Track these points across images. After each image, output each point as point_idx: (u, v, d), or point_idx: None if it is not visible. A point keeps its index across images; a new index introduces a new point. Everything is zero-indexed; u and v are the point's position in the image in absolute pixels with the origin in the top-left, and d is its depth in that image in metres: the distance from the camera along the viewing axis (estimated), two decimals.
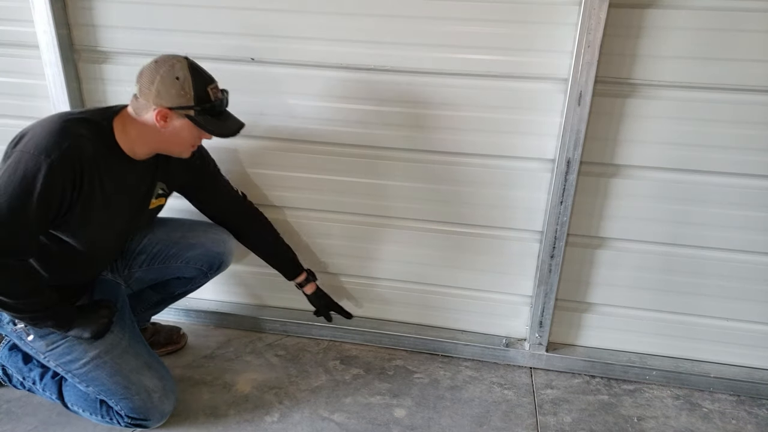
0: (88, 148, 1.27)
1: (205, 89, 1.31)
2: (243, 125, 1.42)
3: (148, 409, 1.47)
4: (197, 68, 1.32)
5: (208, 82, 1.33)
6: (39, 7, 1.67)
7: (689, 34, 1.47)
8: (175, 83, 1.28)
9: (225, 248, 1.72)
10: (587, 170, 1.64)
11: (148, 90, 1.29)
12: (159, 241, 1.66)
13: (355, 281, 1.97)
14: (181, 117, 1.31)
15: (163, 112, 1.29)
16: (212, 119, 1.34)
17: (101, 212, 1.36)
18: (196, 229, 1.70)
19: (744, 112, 1.52)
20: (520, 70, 1.58)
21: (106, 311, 1.45)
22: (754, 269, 1.69)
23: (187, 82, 1.28)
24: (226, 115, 1.40)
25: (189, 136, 1.36)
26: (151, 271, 1.68)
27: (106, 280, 1.60)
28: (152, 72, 1.28)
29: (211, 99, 1.32)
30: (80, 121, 1.29)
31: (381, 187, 1.80)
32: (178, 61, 1.30)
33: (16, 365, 1.58)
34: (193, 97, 1.29)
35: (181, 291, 1.80)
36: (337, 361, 1.88)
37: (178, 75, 1.28)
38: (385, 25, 1.59)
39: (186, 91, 1.28)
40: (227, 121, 1.39)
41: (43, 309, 1.32)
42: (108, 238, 1.45)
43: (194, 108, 1.30)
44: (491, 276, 1.86)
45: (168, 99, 1.28)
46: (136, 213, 1.50)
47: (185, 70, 1.29)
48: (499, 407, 1.68)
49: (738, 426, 1.65)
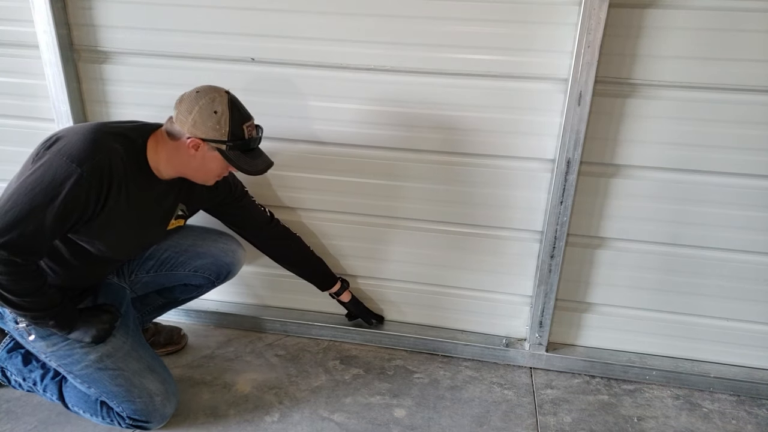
0: (118, 164, 1.28)
1: (240, 126, 1.32)
2: (271, 164, 1.43)
3: (150, 412, 1.47)
4: (237, 104, 1.33)
5: (245, 120, 1.34)
6: (39, 7, 1.67)
7: (689, 34, 1.47)
8: (212, 117, 1.29)
9: (234, 259, 1.73)
10: (587, 170, 1.64)
11: (185, 118, 1.29)
12: (168, 248, 1.67)
13: (354, 281, 1.97)
14: (213, 150, 1.32)
15: (196, 142, 1.31)
16: (242, 155, 1.35)
17: (120, 227, 1.36)
18: (206, 237, 1.71)
19: (744, 112, 1.52)
20: (520, 70, 1.58)
21: (109, 316, 1.45)
22: (754, 269, 1.69)
23: (225, 117, 1.29)
24: (257, 152, 1.41)
25: (216, 167, 1.38)
26: (158, 277, 1.69)
27: (111, 284, 1.60)
28: (192, 102, 1.29)
29: (245, 137, 1.34)
30: (116, 136, 1.30)
31: (381, 187, 1.80)
32: (219, 94, 1.31)
33: (16, 366, 1.58)
34: (228, 133, 1.30)
35: (186, 297, 1.81)
36: (337, 361, 1.88)
37: (217, 109, 1.29)
38: (385, 25, 1.59)
39: (221, 126, 1.29)
40: (256, 160, 1.40)
41: (45, 309, 1.32)
42: (123, 247, 1.45)
43: (227, 144, 1.31)
44: (491, 276, 1.86)
45: (203, 131, 1.29)
46: (155, 231, 1.51)
47: (224, 105, 1.30)
48: (499, 407, 1.68)
49: (738, 426, 1.65)
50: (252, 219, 1.71)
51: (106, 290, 1.56)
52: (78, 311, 1.42)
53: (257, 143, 1.40)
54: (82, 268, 1.44)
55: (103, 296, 1.54)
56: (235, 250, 1.74)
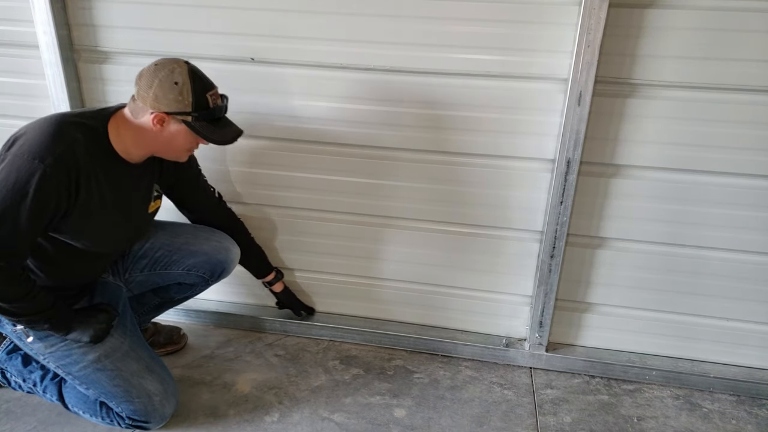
0: (82, 153, 1.25)
1: (204, 95, 1.29)
2: (241, 132, 1.41)
3: (149, 413, 1.47)
4: (197, 73, 1.30)
5: (208, 89, 1.31)
6: (39, 7, 1.67)
7: (689, 34, 1.47)
8: (174, 88, 1.26)
9: (228, 256, 1.71)
10: (587, 170, 1.64)
11: (146, 93, 1.27)
12: (162, 246, 1.65)
13: (355, 281, 1.97)
14: (178, 122, 1.30)
15: (160, 116, 1.28)
16: (210, 126, 1.33)
17: (99, 217, 1.35)
18: (199, 235, 1.69)
19: (744, 112, 1.52)
20: (520, 70, 1.58)
21: (105, 316, 1.45)
22: (754, 269, 1.69)
23: (186, 87, 1.27)
24: (224, 121, 1.38)
25: (185, 141, 1.35)
26: (152, 275, 1.67)
27: (107, 283, 1.59)
28: (151, 75, 1.27)
29: (210, 106, 1.31)
30: (75, 125, 1.27)
31: (381, 187, 1.80)
32: (179, 65, 1.28)
33: (16, 368, 1.58)
34: (192, 104, 1.28)
35: (181, 297, 1.80)
36: (337, 361, 1.88)
37: (177, 80, 1.26)
38: (385, 25, 1.59)
39: (184, 97, 1.27)
40: (225, 129, 1.37)
41: (38, 313, 1.31)
42: (108, 242, 1.44)
43: (192, 114, 1.28)
44: (491, 276, 1.86)
45: (165, 104, 1.27)
46: (136, 217, 1.49)
47: (185, 75, 1.27)
48: (499, 407, 1.68)
49: (738, 426, 1.65)
50: (204, 195, 1.69)
51: (103, 289, 1.56)
52: (74, 312, 1.42)
53: (223, 112, 1.37)
54: (73, 266, 1.43)
55: (100, 295, 1.53)
56: (229, 247, 1.71)
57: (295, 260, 1.98)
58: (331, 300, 2.02)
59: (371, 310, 2.00)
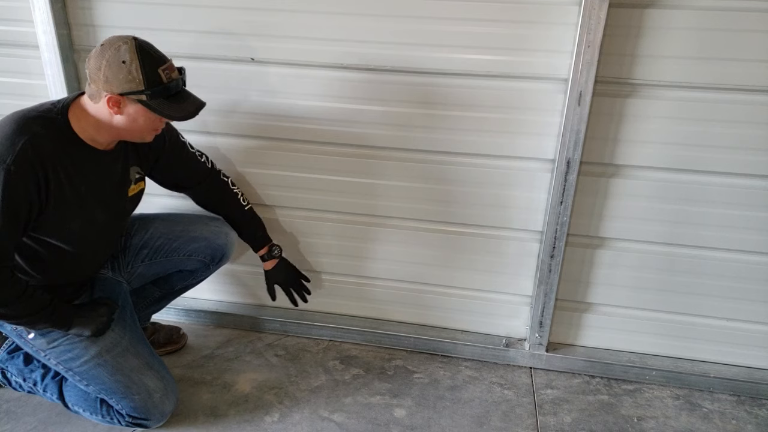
0: (45, 146, 1.23)
1: (155, 71, 1.23)
2: (202, 105, 1.34)
3: (149, 409, 1.47)
4: (146, 49, 1.23)
5: (159, 63, 1.25)
6: (39, 7, 1.67)
7: (689, 34, 1.47)
8: (122, 67, 1.20)
9: (227, 240, 1.72)
10: (587, 170, 1.64)
11: (97, 76, 1.22)
12: (161, 235, 1.66)
13: (355, 281, 1.97)
14: (134, 102, 1.24)
15: (115, 98, 1.23)
16: (167, 102, 1.26)
17: (76, 208, 1.33)
18: (198, 222, 1.71)
19: (744, 112, 1.52)
20: (520, 70, 1.58)
21: (105, 309, 1.45)
22: (754, 269, 1.69)
23: (135, 65, 1.20)
24: (183, 95, 1.32)
25: (146, 120, 1.29)
26: (153, 265, 1.68)
27: (106, 279, 1.60)
28: (98, 57, 1.22)
29: (164, 81, 1.24)
30: (34, 119, 1.24)
31: (381, 187, 1.80)
32: (125, 42, 1.21)
33: (17, 367, 1.58)
34: (143, 81, 1.21)
35: (182, 285, 1.80)
36: (337, 361, 1.88)
37: (125, 58, 1.20)
38: (385, 25, 1.59)
39: (134, 76, 1.21)
40: (184, 103, 1.30)
41: (35, 313, 1.31)
42: (92, 232, 1.41)
43: (145, 92, 1.22)
44: (491, 276, 1.86)
45: (117, 85, 1.21)
46: (116, 202, 1.46)
47: (132, 52, 1.21)
48: (499, 407, 1.68)
49: (738, 426, 1.65)
50: (192, 172, 1.64)
51: (102, 285, 1.56)
52: (74, 307, 1.42)
53: (180, 85, 1.30)
54: (68, 266, 1.43)
55: (99, 291, 1.54)
56: (228, 232, 1.72)
57: (295, 260, 1.97)
58: (332, 300, 2.02)
59: (371, 310, 2.01)
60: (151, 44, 1.27)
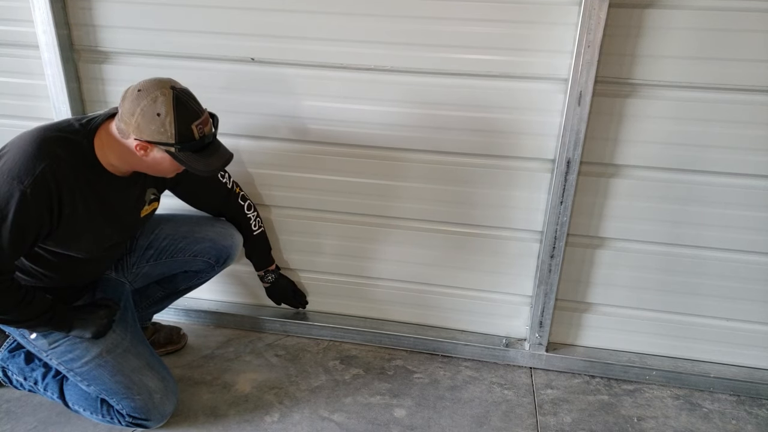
0: (64, 169, 1.22)
1: (188, 127, 1.22)
2: (230, 159, 1.35)
3: (149, 410, 1.47)
4: (182, 102, 1.22)
5: (193, 119, 1.23)
6: (39, 7, 1.67)
7: (689, 34, 1.47)
8: (156, 119, 1.19)
9: (233, 241, 1.73)
10: (587, 170, 1.64)
11: (129, 120, 1.22)
12: (167, 236, 1.67)
13: (354, 281, 1.97)
14: (162, 151, 1.25)
15: (143, 144, 1.23)
16: (195, 155, 1.27)
17: (87, 229, 1.33)
18: (203, 223, 1.71)
19: (744, 112, 1.52)
20: (520, 70, 1.58)
21: (106, 311, 1.46)
22: (754, 269, 1.69)
23: (169, 119, 1.20)
24: (212, 149, 1.31)
25: (171, 165, 1.30)
26: (158, 265, 1.68)
27: (109, 279, 1.60)
28: (134, 102, 1.20)
29: (195, 137, 1.24)
30: (57, 140, 1.24)
31: (381, 186, 1.80)
32: (162, 93, 1.20)
33: (18, 366, 1.58)
34: (174, 135, 1.21)
35: (186, 286, 1.80)
36: (337, 361, 1.88)
37: (160, 111, 1.19)
38: (385, 25, 1.59)
39: (166, 129, 1.20)
40: (212, 158, 1.30)
41: (35, 317, 1.31)
42: (100, 247, 1.42)
43: (175, 146, 1.22)
44: (491, 276, 1.86)
45: (148, 134, 1.21)
46: (129, 222, 1.47)
47: (168, 105, 1.20)
48: (499, 407, 1.68)
49: (738, 426, 1.65)
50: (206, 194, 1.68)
51: (105, 286, 1.57)
52: (74, 309, 1.43)
53: (210, 139, 1.30)
54: (75, 270, 1.44)
55: (102, 292, 1.54)
56: (233, 233, 1.73)
57: (295, 260, 1.98)
58: (331, 300, 2.02)
59: (371, 310, 2.01)
60: (190, 93, 1.26)
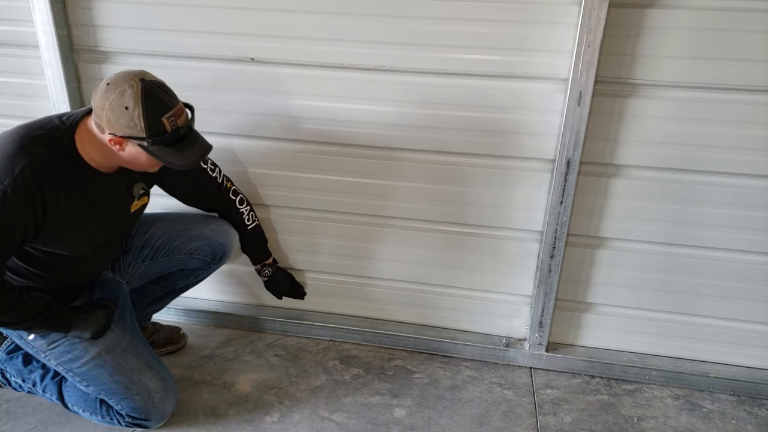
0: (46, 167, 1.20)
1: (158, 119, 1.19)
2: (207, 151, 1.31)
3: (149, 410, 1.47)
4: (152, 95, 1.18)
5: (164, 111, 1.20)
6: (39, 7, 1.67)
7: (689, 34, 1.47)
8: (125, 113, 1.17)
9: (228, 238, 1.72)
10: (587, 170, 1.64)
11: (100, 114, 1.20)
12: (162, 235, 1.66)
13: (354, 281, 1.97)
14: (135, 145, 1.22)
15: (117, 139, 1.21)
16: (169, 149, 1.23)
17: (76, 226, 1.32)
18: (198, 221, 1.71)
19: (744, 112, 1.52)
20: (520, 70, 1.58)
21: (104, 311, 1.45)
22: (754, 269, 1.69)
23: (137, 112, 1.17)
24: (188, 141, 1.27)
25: (148, 159, 1.27)
26: (154, 264, 1.68)
27: (106, 279, 1.60)
28: (103, 97, 1.18)
29: (167, 130, 1.20)
30: (37, 139, 1.22)
31: (381, 186, 1.80)
32: (130, 86, 1.17)
33: (16, 368, 1.58)
34: (145, 129, 1.18)
35: (183, 284, 1.80)
36: (337, 361, 1.88)
37: (128, 104, 1.16)
38: (385, 25, 1.59)
39: (135, 123, 1.17)
40: (187, 151, 1.26)
41: (32, 318, 1.31)
42: (91, 245, 1.41)
43: (146, 140, 1.20)
44: (491, 276, 1.86)
45: (118, 128, 1.19)
46: (118, 218, 1.46)
47: (137, 97, 1.16)
48: (499, 407, 1.68)
49: (738, 426, 1.65)
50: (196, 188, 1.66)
51: (102, 286, 1.56)
52: (72, 310, 1.42)
53: (184, 131, 1.25)
54: (68, 269, 1.43)
55: (99, 292, 1.54)
56: (228, 230, 1.72)
57: (295, 260, 1.98)
58: (331, 300, 2.02)
59: (371, 310, 2.00)
60: (161, 85, 1.23)
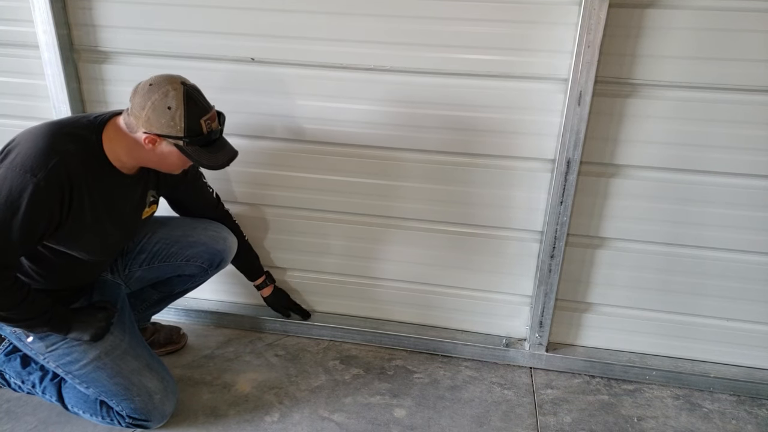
0: (76, 166, 1.24)
1: (197, 121, 1.26)
2: (235, 155, 1.38)
3: (149, 410, 1.47)
4: (192, 97, 1.26)
5: (202, 114, 1.27)
6: (39, 7, 1.67)
7: (689, 34, 1.47)
8: (166, 113, 1.23)
9: (225, 245, 1.72)
10: (587, 170, 1.64)
11: (139, 113, 1.24)
12: (159, 240, 1.66)
13: (355, 281, 1.97)
14: (170, 145, 1.28)
15: (152, 138, 1.26)
16: (202, 150, 1.30)
17: (91, 227, 1.34)
18: (197, 227, 1.70)
19: (744, 112, 1.52)
20: (520, 70, 1.58)
21: (104, 313, 1.45)
22: (754, 269, 1.69)
23: (179, 113, 1.23)
24: (219, 145, 1.35)
25: (178, 161, 1.33)
26: (151, 269, 1.68)
27: (105, 281, 1.60)
28: (144, 96, 1.24)
29: (203, 132, 1.28)
30: (68, 136, 1.26)
31: (381, 187, 1.80)
32: (174, 88, 1.24)
33: (14, 369, 1.58)
34: (184, 129, 1.25)
35: (181, 289, 1.80)
36: (337, 361, 1.88)
37: (170, 105, 1.23)
38: (385, 25, 1.59)
39: (176, 123, 1.24)
40: (218, 153, 1.34)
41: (35, 317, 1.31)
42: (102, 247, 1.43)
43: (183, 139, 1.26)
44: (491, 276, 1.86)
45: (158, 127, 1.24)
46: (130, 223, 1.48)
47: (179, 99, 1.23)
48: (499, 407, 1.68)
49: (738, 426, 1.65)
50: (203, 197, 1.70)
51: (101, 288, 1.56)
52: (72, 311, 1.42)
53: (218, 135, 1.34)
54: (74, 271, 1.44)
55: (98, 294, 1.54)
56: (226, 237, 1.73)
57: (295, 260, 1.98)
58: (331, 300, 2.02)
59: (371, 310, 2.01)
60: (199, 90, 1.30)
